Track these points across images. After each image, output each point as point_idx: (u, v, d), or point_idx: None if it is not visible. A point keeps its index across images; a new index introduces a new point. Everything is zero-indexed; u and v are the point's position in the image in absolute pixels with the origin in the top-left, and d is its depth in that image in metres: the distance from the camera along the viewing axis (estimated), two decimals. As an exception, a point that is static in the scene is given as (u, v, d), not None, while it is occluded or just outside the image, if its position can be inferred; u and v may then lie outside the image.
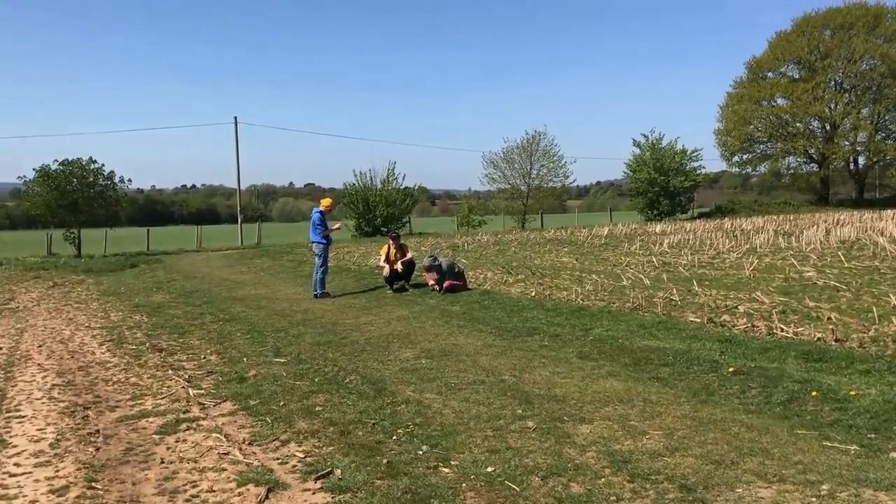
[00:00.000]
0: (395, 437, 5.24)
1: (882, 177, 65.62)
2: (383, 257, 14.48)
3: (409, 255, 14.47)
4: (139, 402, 6.78)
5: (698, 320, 9.17)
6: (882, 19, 54.12)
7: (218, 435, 5.57)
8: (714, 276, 13.30)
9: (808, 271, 12.91)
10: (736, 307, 9.89)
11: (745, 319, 9.02)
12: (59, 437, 5.74)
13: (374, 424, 5.58)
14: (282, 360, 8.18)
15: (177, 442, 5.50)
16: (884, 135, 57.07)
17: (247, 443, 5.37)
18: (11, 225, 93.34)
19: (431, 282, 13.20)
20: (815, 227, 26.10)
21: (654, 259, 16.56)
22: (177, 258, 29.94)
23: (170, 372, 7.91)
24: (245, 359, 8.42)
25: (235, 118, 42.99)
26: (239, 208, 44.48)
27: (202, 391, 7.04)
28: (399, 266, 14.02)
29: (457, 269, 13.54)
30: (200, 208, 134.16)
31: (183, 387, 7.21)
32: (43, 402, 6.86)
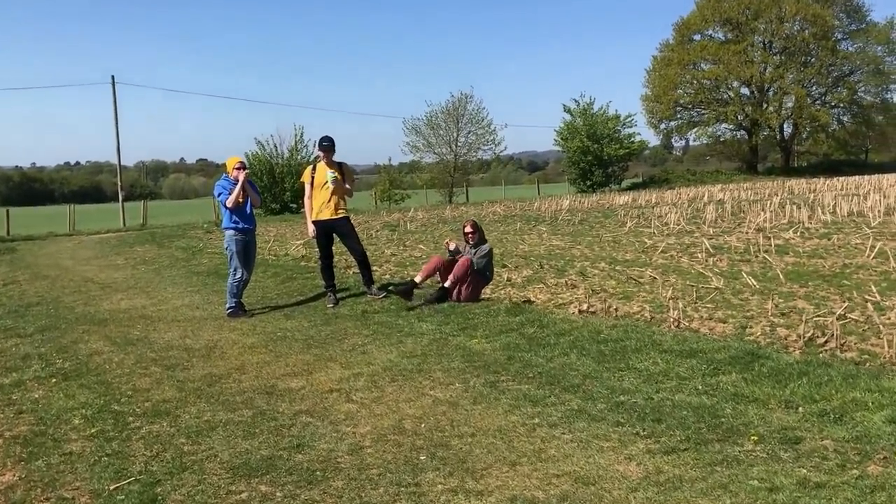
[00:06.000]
0: None
1: (803, 143, 63.89)
2: (308, 189, 9.06)
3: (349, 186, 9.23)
4: None
5: None
6: (812, -22, 51.67)
7: None
8: (834, 272, 8.91)
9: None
10: None
11: None
12: None
13: None
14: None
15: None
16: (812, 99, 55.06)
17: None
18: None
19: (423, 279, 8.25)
20: (807, 196, 22.51)
21: (690, 241, 12.11)
22: (39, 246, 23.63)
23: None
24: (68, 537, 3.37)
25: (113, 77, 36.27)
26: (120, 184, 37.87)
27: None
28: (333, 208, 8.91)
29: (489, 268, 8.69)
30: (84, 186, 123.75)
31: None
32: None
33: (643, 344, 5.81)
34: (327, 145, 8.91)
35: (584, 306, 7.63)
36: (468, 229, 8.62)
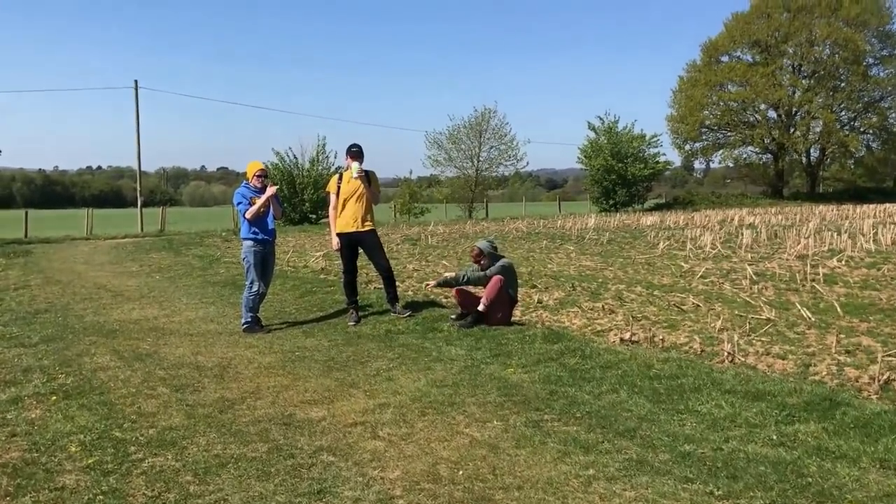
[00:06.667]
0: None
1: (827, 169, 62.71)
2: (333, 199, 8.60)
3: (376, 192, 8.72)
4: None
5: None
6: (843, 2, 50.74)
7: None
8: (893, 306, 8.29)
9: None
10: None
11: None
12: None
13: None
14: None
15: None
16: (841, 125, 54.10)
17: None
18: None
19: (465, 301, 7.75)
20: (840, 222, 21.80)
21: (729, 266, 11.50)
22: (55, 249, 23.27)
23: None
24: None
25: (136, 82, 36.09)
26: (139, 188, 37.60)
27: None
28: (359, 220, 8.43)
29: (513, 286, 8.05)
30: (104, 190, 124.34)
31: None
32: None
33: (702, 382, 5.24)
34: (356, 151, 8.44)
35: (626, 335, 7.08)
36: (472, 258, 8.17)
